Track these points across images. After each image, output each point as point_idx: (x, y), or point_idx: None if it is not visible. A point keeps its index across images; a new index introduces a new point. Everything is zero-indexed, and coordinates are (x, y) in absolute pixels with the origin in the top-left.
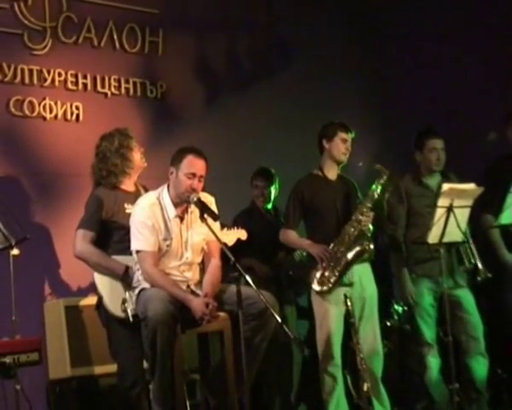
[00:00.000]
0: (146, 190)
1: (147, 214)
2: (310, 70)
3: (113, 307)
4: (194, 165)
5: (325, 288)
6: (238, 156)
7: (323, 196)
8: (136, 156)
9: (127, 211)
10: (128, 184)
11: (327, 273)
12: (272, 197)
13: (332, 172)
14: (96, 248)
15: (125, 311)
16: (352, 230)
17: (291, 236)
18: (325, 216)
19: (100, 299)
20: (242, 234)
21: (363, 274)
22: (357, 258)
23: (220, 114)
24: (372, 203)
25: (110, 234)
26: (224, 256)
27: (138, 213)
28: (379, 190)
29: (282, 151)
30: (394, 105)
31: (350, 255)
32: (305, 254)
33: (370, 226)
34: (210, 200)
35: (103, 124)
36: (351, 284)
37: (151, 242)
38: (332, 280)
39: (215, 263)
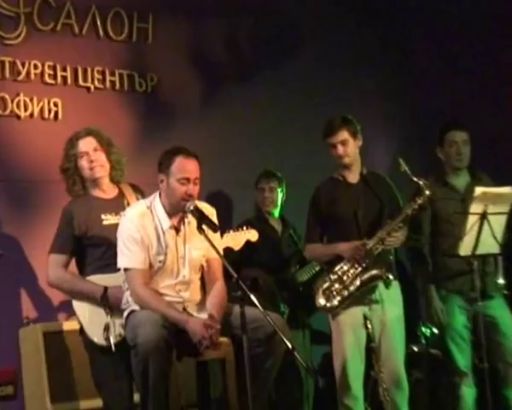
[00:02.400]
0: (138, 191)
1: (135, 227)
2: (321, 58)
3: (95, 335)
4: (185, 168)
5: (329, 305)
6: (240, 158)
7: (342, 204)
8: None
9: (105, 223)
10: (105, 190)
11: (336, 286)
12: (279, 202)
13: (353, 174)
14: (66, 273)
15: (107, 338)
16: (375, 248)
17: (317, 250)
18: (344, 227)
19: (80, 325)
20: (252, 235)
21: (386, 292)
22: (370, 283)
23: (219, 111)
24: (403, 221)
25: (88, 252)
26: (225, 272)
27: (125, 226)
28: (415, 210)
29: (292, 152)
30: (419, 97)
31: (364, 277)
32: (312, 272)
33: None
34: (210, 212)
35: (85, 122)
36: (372, 302)
37: (140, 258)
38: (338, 298)
39: (221, 286)
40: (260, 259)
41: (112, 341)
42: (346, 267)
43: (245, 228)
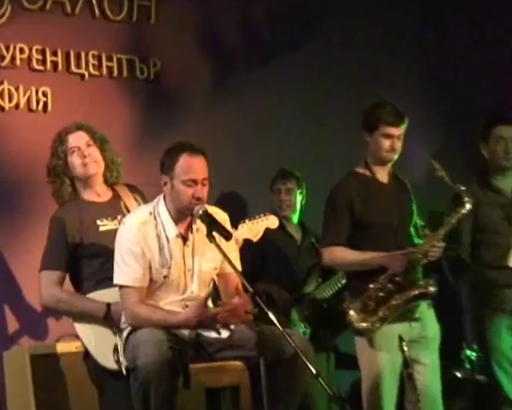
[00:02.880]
0: (136, 191)
1: (135, 238)
2: (347, 42)
3: (103, 358)
4: (191, 167)
5: (365, 325)
6: (255, 156)
7: (377, 207)
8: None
9: (101, 228)
10: (98, 193)
11: (374, 304)
12: (298, 206)
13: (382, 172)
14: (62, 292)
15: (118, 361)
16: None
17: (346, 255)
18: (378, 234)
19: (86, 350)
20: (271, 221)
21: (426, 309)
22: (415, 301)
23: (231, 100)
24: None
25: (84, 265)
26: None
27: (124, 237)
28: (459, 220)
29: (313, 148)
30: (460, 87)
31: (410, 295)
32: (337, 287)
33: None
34: (223, 217)
35: (79, 115)
36: (411, 321)
37: (138, 275)
38: (377, 318)
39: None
40: (276, 271)
41: (123, 363)
42: (385, 281)
43: (262, 215)
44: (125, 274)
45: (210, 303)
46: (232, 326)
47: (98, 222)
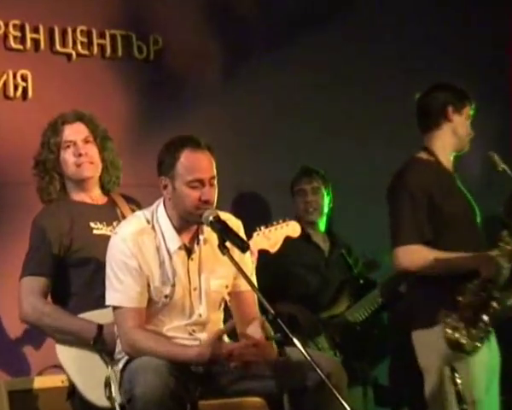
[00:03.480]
0: (133, 202)
1: (130, 250)
2: (389, 14)
3: (92, 394)
4: (196, 165)
5: (476, 343)
6: (271, 152)
7: (458, 198)
8: (67, 158)
9: (96, 232)
10: (92, 197)
11: (469, 313)
12: (325, 209)
13: (448, 160)
14: (47, 304)
15: (110, 397)
16: (506, 264)
17: (429, 254)
18: (463, 233)
19: (72, 384)
20: (292, 228)
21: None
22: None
23: (245, 86)
24: None
25: (72, 276)
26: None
27: (117, 249)
28: None
29: (342, 143)
30: None
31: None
32: (372, 308)
33: None
34: (236, 225)
35: (64, 102)
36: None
37: (135, 293)
38: (479, 334)
39: (260, 324)
40: (299, 289)
41: (117, 400)
42: (478, 288)
43: (281, 221)
44: (118, 293)
45: (225, 337)
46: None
47: (92, 224)
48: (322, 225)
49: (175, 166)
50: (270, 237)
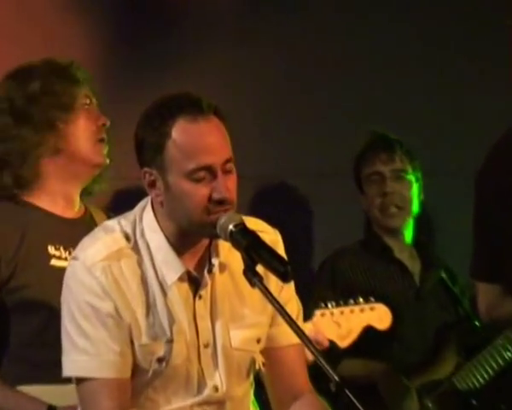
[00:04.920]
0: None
1: (100, 285)
2: None
3: None
4: (199, 142)
5: None
6: (320, 125)
7: None
8: (79, 134)
9: (54, 262)
10: (63, 200)
11: None
12: (415, 206)
13: None
14: None
15: None
16: None
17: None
18: None
19: None
20: (379, 318)
21: None
22: None
23: (267, 32)
24: None
25: (15, 322)
26: (312, 372)
27: (78, 283)
28: None
29: (413, 118)
30: None
31: None
32: (492, 370)
33: None
34: (273, 238)
35: (13, 54)
36: None
37: (112, 356)
38: None
39: (311, 400)
40: (378, 336)
41: None
42: None
43: (360, 300)
44: (85, 356)
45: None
46: None
47: (50, 250)
48: (408, 232)
49: (164, 149)
50: (341, 324)
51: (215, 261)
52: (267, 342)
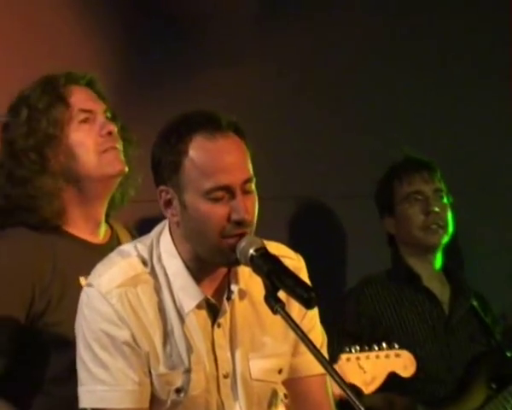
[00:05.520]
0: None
1: (116, 313)
2: None
3: None
4: (217, 160)
5: None
6: (343, 130)
7: None
8: (80, 153)
9: None
10: (89, 223)
11: None
12: (451, 226)
13: None
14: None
15: None
16: None
17: None
18: None
19: None
20: (404, 365)
21: None
22: None
23: (294, 24)
24: None
25: (46, 357)
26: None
27: (93, 311)
28: None
29: (452, 130)
30: None
31: None
32: None
33: None
34: (296, 266)
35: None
36: None
37: (130, 385)
38: None
39: None
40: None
41: None
42: None
43: (385, 345)
44: (103, 386)
45: None
46: None
47: (82, 281)
48: (439, 257)
49: (181, 167)
50: (366, 370)
51: (234, 288)
52: (290, 372)
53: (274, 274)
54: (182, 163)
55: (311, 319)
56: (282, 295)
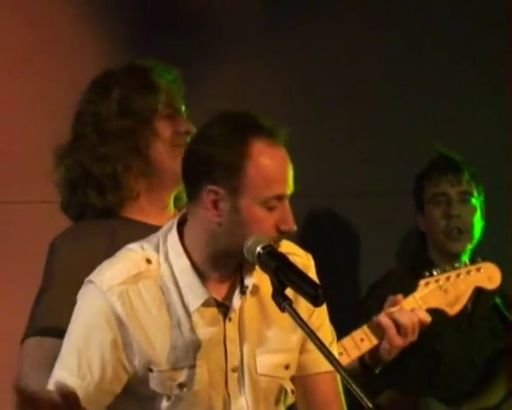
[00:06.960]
0: None
1: (114, 312)
2: None
3: None
4: (278, 170)
5: None
6: (372, 126)
7: None
8: (158, 144)
9: None
10: (156, 209)
11: None
12: (478, 231)
13: None
14: None
15: None
16: None
17: None
18: None
19: None
20: (488, 276)
21: None
22: None
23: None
24: None
25: None
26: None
27: (90, 304)
28: None
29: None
30: None
31: None
32: None
33: None
34: (305, 264)
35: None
36: None
37: (90, 387)
38: None
39: None
40: (425, 365)
41: None
42: None
43: (466, 262)
44: (67, 373)
45: None
46: None
47: None
48: (465, 258)
49: (242, 171)
50: (449, 290)
51: (249, 282)
52: (298, 370)
53: (281, 271)
54: (243, 166)
55: (318, 317)
56: (289, 292)
